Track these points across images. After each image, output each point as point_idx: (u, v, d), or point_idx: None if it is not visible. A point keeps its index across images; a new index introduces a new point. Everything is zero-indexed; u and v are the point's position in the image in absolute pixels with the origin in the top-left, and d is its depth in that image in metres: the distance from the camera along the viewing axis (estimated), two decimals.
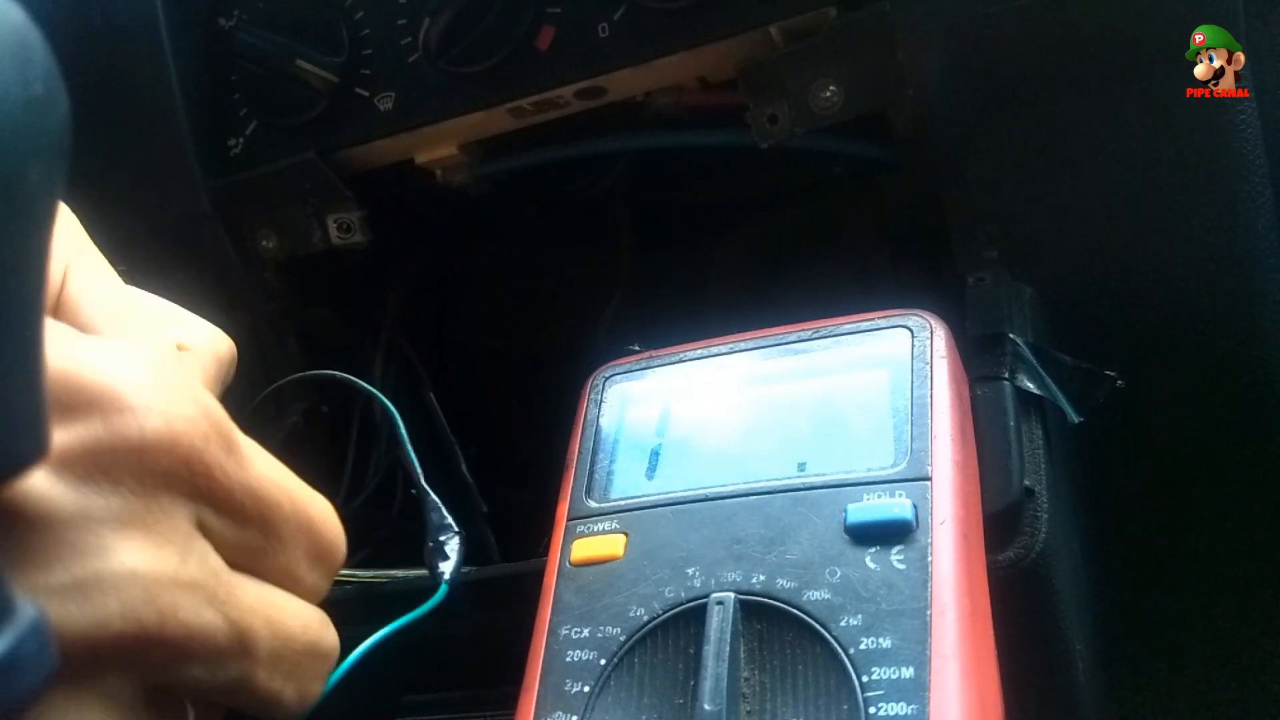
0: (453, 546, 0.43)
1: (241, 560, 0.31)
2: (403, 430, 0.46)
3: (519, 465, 0.74)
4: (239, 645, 0.29)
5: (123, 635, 0.26)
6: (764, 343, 0.42)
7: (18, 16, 0.21)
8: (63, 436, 0.26)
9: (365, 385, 0.49)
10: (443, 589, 0.41)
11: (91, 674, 0.27)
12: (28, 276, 0.22)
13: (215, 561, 0.29)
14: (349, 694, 0.37)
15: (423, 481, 0.45)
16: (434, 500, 0.44)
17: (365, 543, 0.61)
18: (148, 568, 0.27)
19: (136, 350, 0.29)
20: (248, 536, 0.30)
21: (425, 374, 0.70)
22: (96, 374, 0.27)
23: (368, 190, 0.61)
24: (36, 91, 0.21)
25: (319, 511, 0.33)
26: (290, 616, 0.32)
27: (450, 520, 0.44)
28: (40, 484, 0.25)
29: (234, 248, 0.62)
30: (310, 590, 0.33)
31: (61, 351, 0.27)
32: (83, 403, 0.27)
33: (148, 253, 0.59)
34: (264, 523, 0.31)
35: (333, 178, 0.59)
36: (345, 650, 0.36)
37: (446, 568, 0.42)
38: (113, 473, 0.27)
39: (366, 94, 0.58)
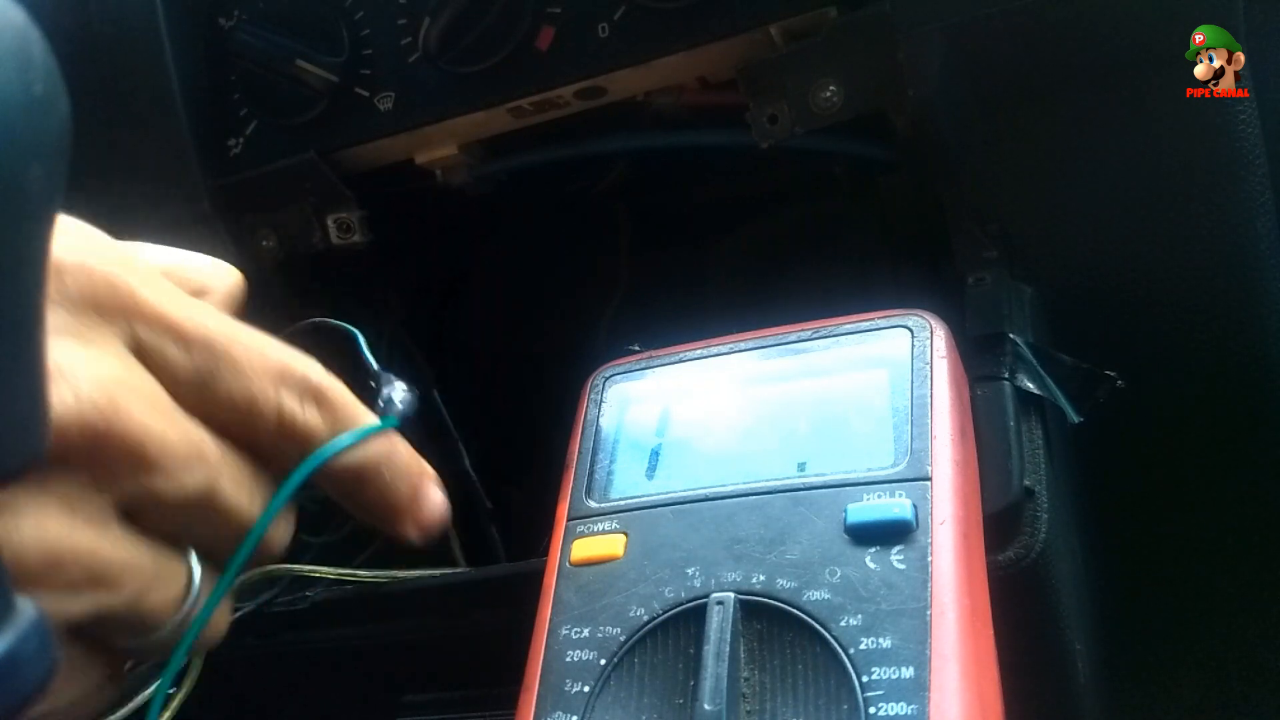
0: (400, 394, 0.42)
1: (204, 393, 0.31)
2: (361, 339, 0.46)
3: (519, 468, 0.74)
4: (195, 453, 0.30)
5: (83, 421, 0.27)
6: (764, 343, 0.42)
7: (18, 17, 0.21)
8: None
9: (333, 321, 0.48)
10: (388, 419, 0.40)
11: (52, 471, 0.27)
12: (28, 276, 0.22)
13: (156, 383, 0.30)
14: (349, 694, 0.38)
15: (375, 365, 0.44)
16: (389, 374, 0.43)
17: (369, 543, 0.61)
18: (89, 364, 0.28)
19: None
20: (196, 360, 0.31)
21: (431, 374, 0.70)
22: None
23: (368, 190, 0.61)
24: (37, 92, 0.21)
25: (271, 343, 0.33)
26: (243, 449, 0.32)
27: (401, 382, 0.43)
28: None
29: (234, 248, 0.62)
30: (305, 426, 0.33)
31: None
32: None
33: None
34: (207, 344, 0.31)
35: (332, 178, 0.59)
36: None
37: (393, 409, 0.41)
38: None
39: (366, 94, 0.58)
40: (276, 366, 0.33)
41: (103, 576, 0.29)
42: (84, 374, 0.27)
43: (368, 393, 0.56)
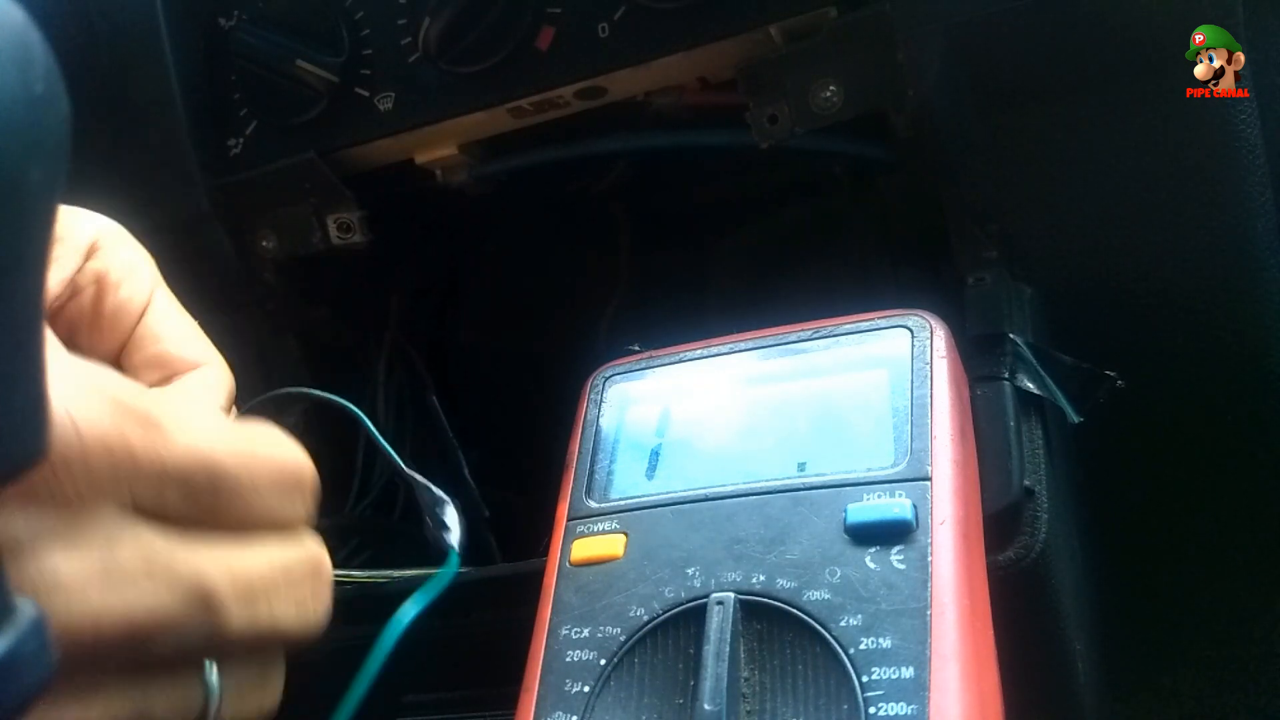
0: (451, 517, 0.43)
1: (202, 519, 0.31)
2: (370, 425, 0.47)
3: (519, 467, 0.74)
4: (195, 603, 0.29)
5: (66, 642, 0.26)
6: (764, 343, 0.42)
7: (18, 17, 0.21)
8: None
9: (328, 395, 0.50)
10: (453, 555, 0.42)
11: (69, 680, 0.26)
12: (28, 276, 0.22)
13: (149, 537, 0.29)
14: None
15: (404, 467, 0.46)
16: (421, 481, 0.45)
17: (369, 545, 0.61)
18: (73, 570, 0.27)
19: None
20: (197, 495, 0.30)
21: (429, 378, 0.70)
22: None
23: (368, 190, 0.61)
24: (37, 92, 0.21)
25: (267, 448, 0.33)
26: (247, 554, 0.32)
27: (440, 492, 0.44)
28: None
29: (234, 248, 0.62)
30: (291, 520, 0.34)
31: None
32: None
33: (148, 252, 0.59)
34: (208, 475, 0.31)
35: (332, 178, 0.59)
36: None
37: (452, 536, 0.43)
38: (25, 492, 0.26)
39: (366, 94, 0.58)
40: (271, 476, 0.33)
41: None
42: (68, 587, 0.26)
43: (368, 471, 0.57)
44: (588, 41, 0.53)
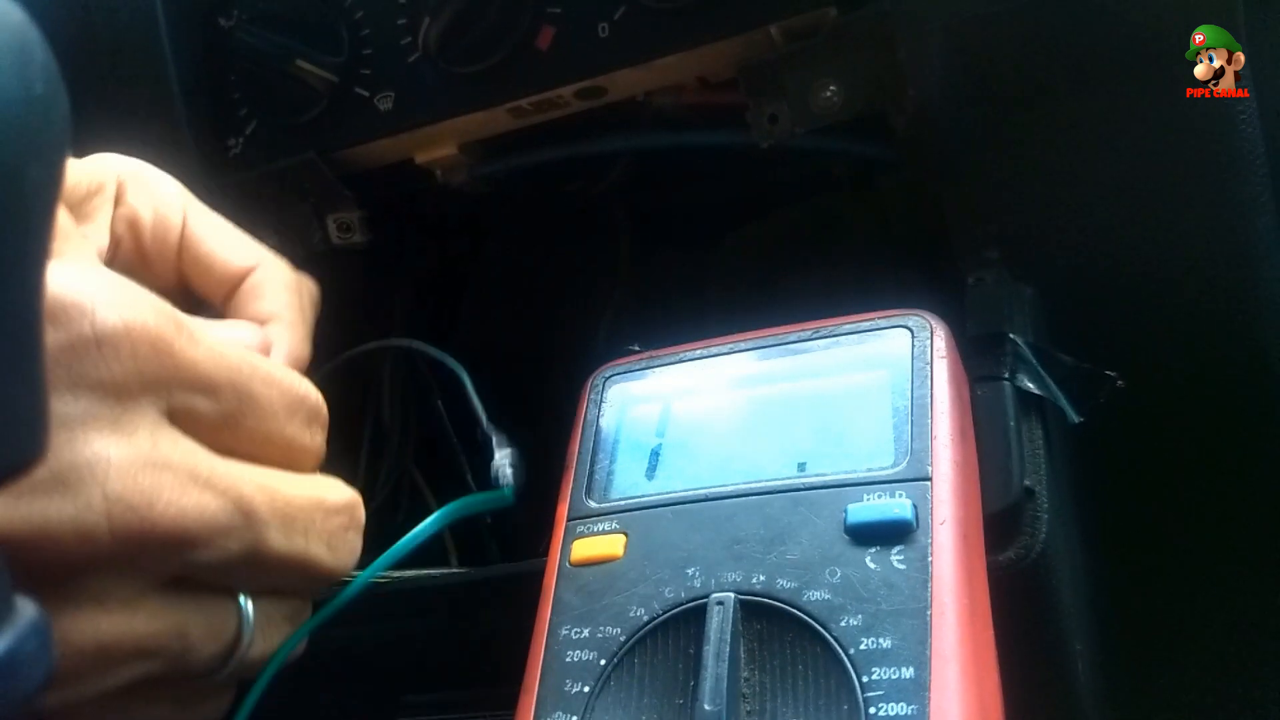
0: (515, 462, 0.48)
1: (226, 435, 0.32)
2: (469, 383, 0.53)
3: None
4: (237, 515, 0.31)
5: (113, 524, 0.27)
6: (764, 343, 0.42)
7: (18, 16, 0.21)
8: None
9: (438, 353, 0.55)
10: (510, 490, 0.46)
11: (89, 574, 0.28)
12: (27, 275, 0.22)
13: (190, 445, 0.30)
14: (349, 693, 0.38)
15: (486, 421, 0.51)
16: (501, 437, 0.49)
17: (371, 549, 0.61)
18: (120, 454, 0.28)
19: (89, 263, 0.31)
20: (224, 406, 0.32)
21: (433, 380, 0.70)
22: (54, 288, 0.28)
23: (367, 190, 0.61)
24: (37, 91, 0.21)
25: (286, 374, 0.35)
26: (283, 480, 0.33)
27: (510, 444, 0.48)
28: None
29: None
30: (307, 449, 0.36)
31: None
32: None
33: None
34: (235, 389, 0.32)
35: (332, 178, 0.59)
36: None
37: (508, 477, 0.47)
38: (74, 374, 0.27)
39: (366, 94, 0.58)
40: (289, 400, 0.35)
41: (143, 651, 0.29)
42: (115, 469, 0.28)
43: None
44: (588, 41, 0.53)
